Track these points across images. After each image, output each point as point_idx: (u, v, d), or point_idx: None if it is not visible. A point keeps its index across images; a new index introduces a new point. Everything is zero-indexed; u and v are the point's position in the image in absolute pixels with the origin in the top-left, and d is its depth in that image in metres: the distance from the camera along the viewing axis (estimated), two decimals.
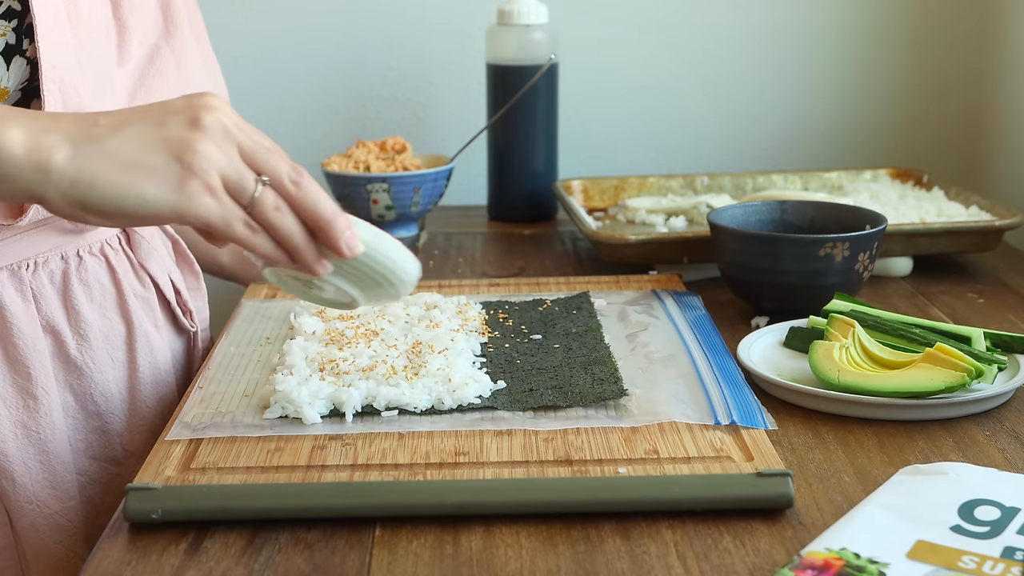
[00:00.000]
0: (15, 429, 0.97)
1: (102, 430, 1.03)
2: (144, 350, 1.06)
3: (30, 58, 0.90)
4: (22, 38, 0.89)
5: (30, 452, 0.98)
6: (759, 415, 0.90)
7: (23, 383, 0.97)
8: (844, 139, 1.79)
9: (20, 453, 0.97)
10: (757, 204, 1.25)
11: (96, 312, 1.02)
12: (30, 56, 0.90)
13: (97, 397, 1.02)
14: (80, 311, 1.01)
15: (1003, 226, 1.32)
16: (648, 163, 1.78)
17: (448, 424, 0.90)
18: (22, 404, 0.97)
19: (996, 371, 0.98)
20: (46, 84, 0.89)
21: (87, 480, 1.02)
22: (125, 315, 1.05)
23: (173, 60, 1.04)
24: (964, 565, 0.70)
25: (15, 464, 0.97)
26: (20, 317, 0.97)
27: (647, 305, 1.17)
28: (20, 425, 0.97)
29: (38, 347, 0.98)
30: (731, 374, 0.98)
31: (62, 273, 1.00)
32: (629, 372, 0.99)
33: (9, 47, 0.89)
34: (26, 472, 0.98)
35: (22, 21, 0.89)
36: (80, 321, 1.01)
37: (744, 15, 1.75)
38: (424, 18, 1.74)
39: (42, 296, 0.99)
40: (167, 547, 0.77)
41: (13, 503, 0.97)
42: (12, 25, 0.89)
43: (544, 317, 1.13)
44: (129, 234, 1.07)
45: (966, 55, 1.75)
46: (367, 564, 0.75)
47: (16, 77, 0.90)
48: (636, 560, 0.74)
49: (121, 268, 1.05)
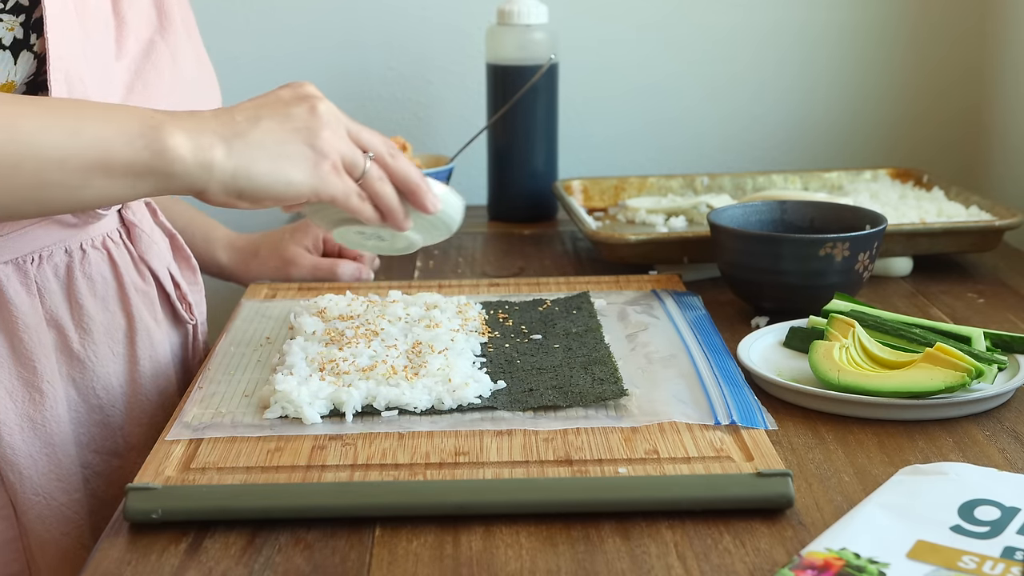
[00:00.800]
0: (21, 422, 0.98)
1: (104, 423, 1.04)
2: (144, 343, 1.06)
3: (37, 52, 0.90)
4: (29, 32, 0.90)
5: (36, 445, 0.98)
6: (759, 415, 0.90)
7: (29, 376, 0.98)
8: (844, 139, 1.79)
9: (26, 446, 0.98)
10: (757, 204, 1.25)
11: (99, 306, 1.03)
12: (38, 51, 0.90)
13: (99, 391, 1.03)
14: (83, 304, 1.01)
15: (1003, 226, 1.32)
16: (648, 163, 1.78)
17: (448, 424, 0.90)
18: (28, 397, 0.98)
19: (996, 371, 0.98)
20: (53, 75, 0.90)
21: (91, 473, 1.03)
22: (126, 309, 1.05)
23: (168, 55, 1.05)
24: (964, 565, 0.70)
25: (21, 457, 0.98)
26: (25, 311, 0.98)
27: (647, 305, 1.17)
28: (26, 418, 0.98)
29: (43, 341, 0.99)
30: (731, 374, 0.98)
31: (66, 267, 1.01)
32: (629, 372, 0.99)
33: (17, 41, 0.90)
34: (32, 465, 0.98)
35: (30, 16, 0.90)
36: (83, 315, 1.01)
37: (744, 15, 1.75)
38: (424, 18, 1.74)
39: (46, 290, 0.99)
40: (167, 547, 0.77)
41: (20, 495, 0.98)
42: (20, 19, 0.90)
43: (544, 317, 1.13)
44: (129, 228, 1.07)
45: (966, 55, 1.75)
46: (367, 564, 0.75)
47: (23, 71, 0.90)
48: (636, 560, 0.74)
49: (122, 261, 1.05)
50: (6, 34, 0.90)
